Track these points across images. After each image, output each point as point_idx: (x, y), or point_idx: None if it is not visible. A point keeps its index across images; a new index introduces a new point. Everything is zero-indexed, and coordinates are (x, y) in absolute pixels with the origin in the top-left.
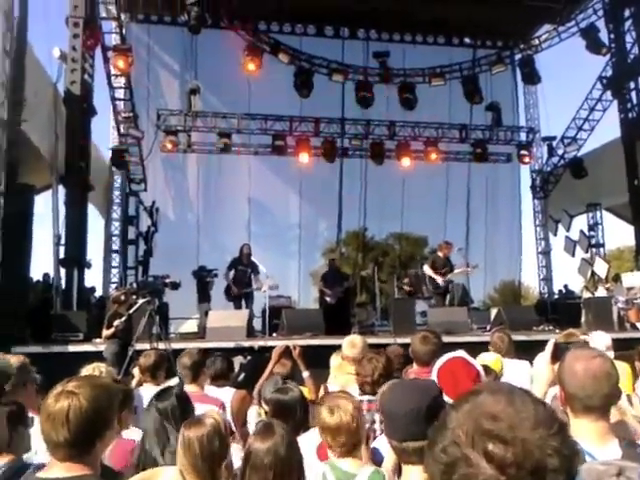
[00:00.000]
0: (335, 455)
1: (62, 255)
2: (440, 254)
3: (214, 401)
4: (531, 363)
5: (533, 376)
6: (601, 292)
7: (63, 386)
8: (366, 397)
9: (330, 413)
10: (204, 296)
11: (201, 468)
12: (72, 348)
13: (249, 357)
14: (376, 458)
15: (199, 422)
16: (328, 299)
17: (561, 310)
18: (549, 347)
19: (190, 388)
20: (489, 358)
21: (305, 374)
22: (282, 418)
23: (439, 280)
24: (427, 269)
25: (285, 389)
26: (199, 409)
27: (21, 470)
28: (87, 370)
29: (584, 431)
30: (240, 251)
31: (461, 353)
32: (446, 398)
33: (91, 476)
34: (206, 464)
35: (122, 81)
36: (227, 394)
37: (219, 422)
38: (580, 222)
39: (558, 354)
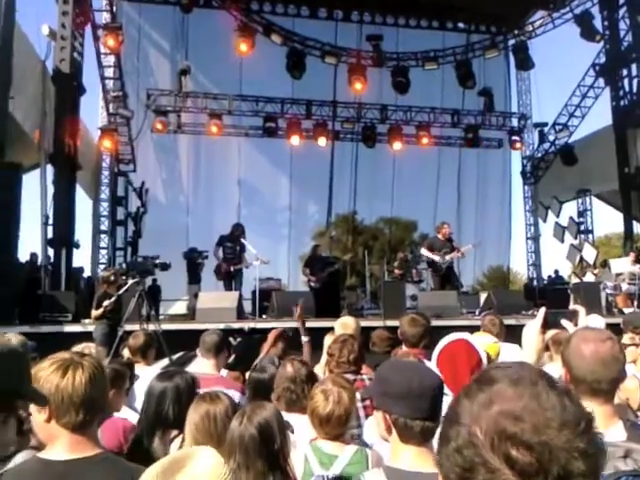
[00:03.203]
0: (318, 436)
1: (50, 235)
2: (439, 235)
3: (234, 385)
4: (521, 347)
5: (522, 344)
6: (589, 278)
7: (64, 358)
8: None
9: (324, 400)
10: (194, 278)
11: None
12: (61, 328)
13: (239, 338)
14: (360, 441)
15: (217, 397)
16: (312, 284)
17: (549, 295)
18: (540, 315)
19: (207, 368)
20: (486, 341)
21: (304, 339)
22: (262, 396)
23: (437, 259)
24: (424, 251)
25: (263, 368)
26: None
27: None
28: (78, 348)
29: None
30: (231, 229)
31: (465, 335)
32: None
33: (106, 455)
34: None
35: (112, 60)
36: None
37: (232, 399)
38: (570, 208)
39: (548, 323)
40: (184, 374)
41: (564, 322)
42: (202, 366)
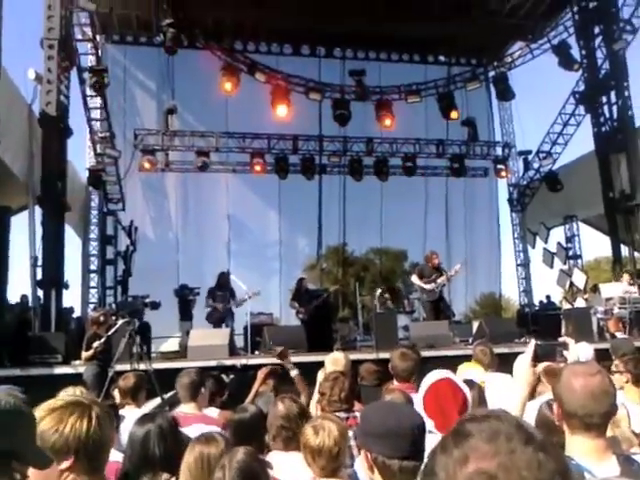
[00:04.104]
0: (315, 475)
1: (39, 276)
2: (429, 264)
3: (215, 422)
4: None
5: (514, 377)
6: (580, 303)
7: (76, 401)
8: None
9: (315, 434)
10: (186, 314)
11: None
12: (51, 371)
13: (232, 376)
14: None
15: (212, 438)
16: (301, 316)
17: (542, 321)
18: (530, 348)
19: (187, 409)
20: (469, 372)
21: (293, 372)
22: (243, 437)
23: (428, 287)
24: (415, 278)
25: (243, 408)
26: (200, 430)
27: None
28: (66, 394)
29: (582, 448)
30: (218, 278)
31: (447, 374)
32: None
33: None
34: None
35: (98, 101)
36: (212, 414)
37: (227, 439)
38: (557, 234)
39: (539, 356)
40: (165, 414)
41: (565, 353)
42: (183, 406)
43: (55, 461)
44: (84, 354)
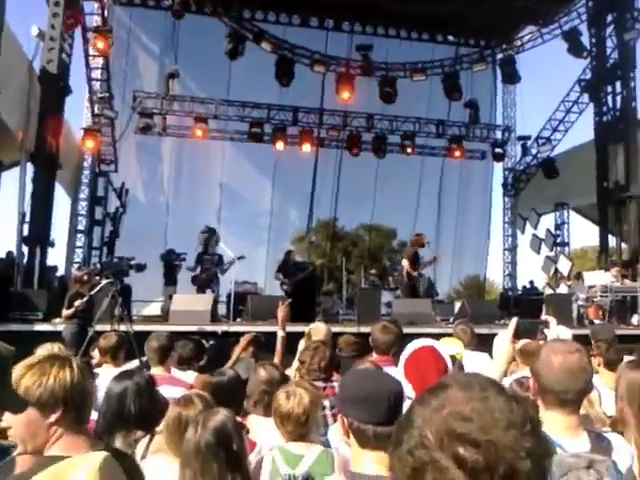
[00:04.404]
0: (284, 439)
1: (26, 233)
2: (416, 247)
3: (182, 383)
4: (491, 356)
5: (493, 353)
6: (562, 289)
7: (57, 355)
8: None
9: (286, 399)
10: (171, 279)
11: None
12: (31, 327)
13: (212, 342)
14: (326, 447)
15: (191, 401)
16: (285, 288)
17: (523, 305)
18: (511, 325)
19: (156, 371)
20: (451, 351)
21: (280, 333)
22: (222, 400)
23: (415, 274)
24: (406, 263)
25: (221, 372)
26: (167, 391)
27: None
28: (43, 349)
29: (556, 424)
30: (205, 241)
31: (430, 342)
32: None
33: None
34: None
35: (100, 61)
36: (189, 378)
37: (207, 401)
38: (547, 221)
39: (519, 333)
40: (142, 372)
41: (546, 330)
42: (153, 369)
43: (29, 407)
44: (65, 312)
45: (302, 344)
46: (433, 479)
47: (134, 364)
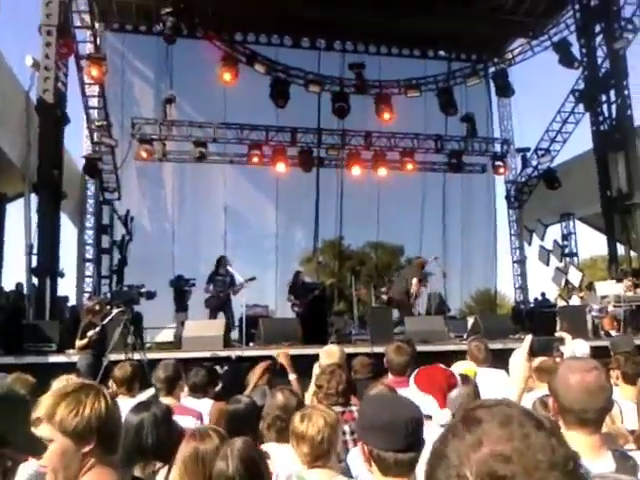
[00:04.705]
0: (302, 463)
1: (34, 264)
2: (421, 270)
3: (191, 412)
4: (507, 372)
5: (510, 372)
6: (575, 300)
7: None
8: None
9: (300, 421)
10: (181, 305)
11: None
12: (45, 359)
13: (226, 367)
14: (347, 474)
15: (207, 435)
16: (297, 309)
17: (536, 319)
18: (526, 343)
19: (165, 401)
20: (463, 366)
21: (292, 377)
22: (237, 428)
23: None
24: (415, 284)
25: (237, 399)
26: (177, 421)
27: None
28: (59, 382)
29: (578, 444)
30: (217, 262)
31: (435, 364)
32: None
33: None
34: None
35: (96, 89)
36: (205, 405)
37: (224, 436)
38: (554, 232)
39: (535, 350)
40: (159, 403)
41: (562, 347)
42: (162, 398)
43: (64, 437)
44: (78, 342)
45: (317, 368)
46: None
47: (149, 393)
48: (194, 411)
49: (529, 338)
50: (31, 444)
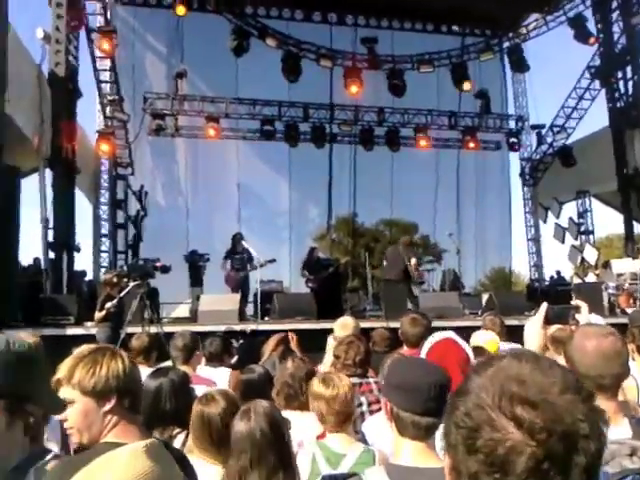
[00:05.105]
0: (327, 428)
1: (51, 238)
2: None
3: (206, 381)
4: (522, 346)
5: (524, 340)
6: (591, 278)
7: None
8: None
9: (325, 385)
10: (196, 280)
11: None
12: (63, 331)
13: (241, 340)
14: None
15: (212, 399)
16: (311, 285)
17: (552, 296)
18: (542, 310)
19: (182, 369)
20: (485, 337)
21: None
22: (251, 397)
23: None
24: (414, 262)
25: (251, 369)
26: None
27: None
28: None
29: None
30: (232, 240)
31: (450, 334)
32: None
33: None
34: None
35: (107, 63)
36: (223, 374)
37: (233, 399)
38: (569, 209)
39: (550, 318)
40: (177, 370)
41: (578, 315)
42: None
43: (85, 396)
44: (97, 314)
45: (331, 339)
46: (489, 439)
47: (167, 364)
48: (208, 380)
49: (544, 306)
50: (53, 402)
